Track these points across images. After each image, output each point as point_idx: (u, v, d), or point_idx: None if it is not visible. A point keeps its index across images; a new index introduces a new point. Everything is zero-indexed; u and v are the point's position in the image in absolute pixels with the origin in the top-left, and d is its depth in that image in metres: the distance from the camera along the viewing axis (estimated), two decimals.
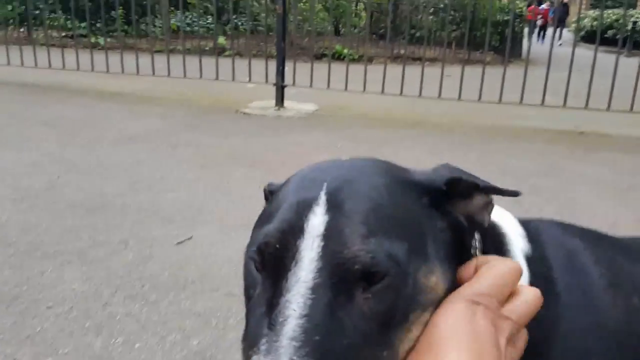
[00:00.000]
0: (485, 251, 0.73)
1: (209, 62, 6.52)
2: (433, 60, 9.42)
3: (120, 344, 1.92)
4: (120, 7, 8.17)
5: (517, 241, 0.77)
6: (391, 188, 0.68)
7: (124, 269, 2.41)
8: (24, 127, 4.75)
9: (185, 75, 6.48)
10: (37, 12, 9.84)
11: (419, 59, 10.05)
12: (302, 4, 12.47)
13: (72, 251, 2.54)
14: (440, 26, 9.60)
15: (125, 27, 8.43)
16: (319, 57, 8.69)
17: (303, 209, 0.66)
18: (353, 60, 6.52)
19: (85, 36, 10.76)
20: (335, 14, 11.86)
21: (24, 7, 9.89)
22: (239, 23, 12.83)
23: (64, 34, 10.29)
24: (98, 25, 10.67)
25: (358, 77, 6.03)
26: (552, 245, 0.80)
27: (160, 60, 6.65)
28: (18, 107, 5.54)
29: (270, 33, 9.35)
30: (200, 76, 6.41)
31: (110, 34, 9.47)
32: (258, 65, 6.39)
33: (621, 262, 0.82)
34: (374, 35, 11.13)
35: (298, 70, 6.25)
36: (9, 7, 10.30)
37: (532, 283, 0.72)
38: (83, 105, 5.84)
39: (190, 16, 12.67)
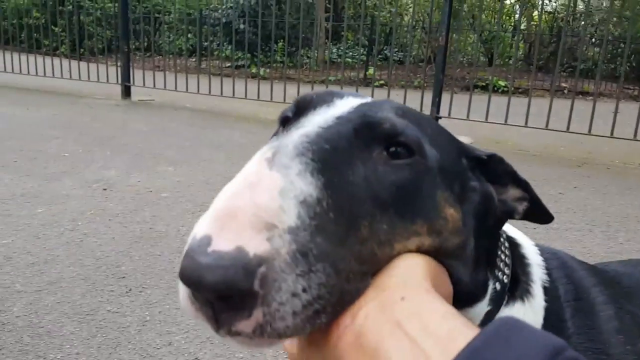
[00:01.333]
0: (512, 270, 0.78)
1: (361, 92, 6.72)
2: (598, 95, 8.75)
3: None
4: (281, 40, 8.78)
5: (538, 270, 0.80)
6: (438, 126, 0.73)
7: None
8: (198, 148, 5.25)
9: None
10: (207, 43, 10.90)
11: (581, 93, 9.45)
12: (458, 35, 12.38)
13: None
14: (607, 59, 8.91)
15: (284, 58, 8.99)
16: (473, 88, 8.52)
17: (329, 93, 0.73)
18: (507, 93, 6.31)
19: (248, 67, 11.70)
20: (492, 45, 11.57)
21: (196, 39, 11.02)
22: (389, 54, 13.09)
23: (228, 64, 11.24)
24: (260, 57, 11.58)
25: (516, 111, 5.81)
26: (566, 280, 0.83)
27: (317, 90, 6.99)
28: (194, 131, 6.16)
29: (420, 64, 9.40)
30: None
31: (269, 64, 10.17)
32: (410, 96, 6.45)
33: (629, 307, 0.84)
34: (531, 67, 10.68)
35: (453, 102, 6.20)
36: (184, 39, 11.53)
37: (546, 316, 0.76)
38: (247, 130, 6.32)
39: (342, 48, 13.24)
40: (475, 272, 0.70)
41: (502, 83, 9.63)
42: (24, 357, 1.92)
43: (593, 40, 11.26)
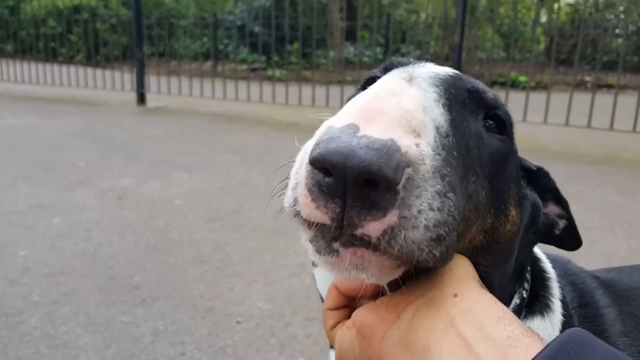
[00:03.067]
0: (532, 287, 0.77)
1: None
2: (623, 87, 8.56)
3: None
4: (296, 41, 8.76)
5: (556, 284, 0.80)
6: None
7: (302, 292, 2.52)
8: (215, 153, 5.27)
9: None
10: (223, 47, 10.93)
11: (604, 86, 9.24)
12: (476, 31, 12.23)
13: (257, 271, 2.72)
14: (631, 50, 8.71)
15: (299, 59, 8.96)
16: (491, 84, 8.40)
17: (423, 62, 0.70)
18: (530, 88, 6.18)
19: (264, 69, 11.73)
20: (510, 40, 11.41)
21: (211, 42, 11.07)
22: (406, 52, 12.98)
23: (243, 67, 11.25)
24: (275, 59, 11.59)
25: (535, 106, 5.70)
26: (570, 288, 0.83)
27: (333, 91, 6.98)
28: (209, 136, 6.18)
29: (438, 60, 9.31)
30: None
31: (286, 66, 10.17)
32: None
33: (628, 309, 0.84)
34: (552, 60, 10.51)
35: None
36: (200, 43, 11.58)
37: (562, 329, 0.74)
38: (263, 134, 6.32)
39: (359, 48, 13.18)
40: (508, 285, 0.69)
41: (523, 79, 9.46)
42: None
43: (617, 31, 11.01)
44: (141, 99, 8.29)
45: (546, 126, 5.79)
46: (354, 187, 0.43)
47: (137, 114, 7.67)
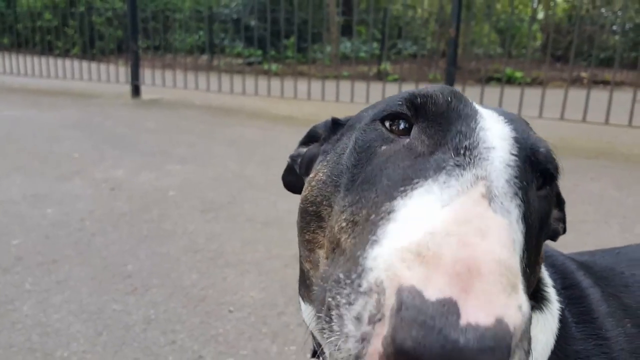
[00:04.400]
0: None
1: (374, 87, 6.66)
2: (619, 84, 8.57)
3: (294, 352, 1.99)
4: (292, 35, 8.74)
5: (545, 274, 0.79)
6: None
7: (296, 282, 2.50)
8: (210, 145, 5.25)
9: (352, 100, 6.69)
10: (219, 41, 10.89)
11: (601, 82, 9.25)
12: (473, 27, 12.22)
13: (250, 261, 2.72)
14: (628, 47, 8.72)
15: (295, 53, 8.95)
16: (487, 80, 8.41)
17: (460, 98, 0.67)
18: (526, 84, 6.19)
19: (260, 63, 11.70)
20: (506, 36, 11.45)
21: (207, 36, 11.03)
22: (403, 48, 12.95)
23: (240, 61, 11.23)
24: (272, 53, 11.56)
25: (531, 102, 5.70)
26: (552, 270, 0.83)
27: (329, 85, 6.96)
28: (205, 128, 6.17)
29: (434, 56, 9.32)
30: (367, 101, 6.57)
31: (282, 60, 10.14)
32: None
33: (609, 289, 0.84)
34: (547, 56, 10.53)
35: (466, 94, 6.10)
36: (196, 37, 11.55)
37: (561, 312, 0.75)
38: (259, 127, 6.31)
39: (355, 43, 13.14)
40: None
41: (519, 75, 9.47)
42: (32, 355, 1.93)
43: (614, 27, 11.02)
44: (136, 91, 8.26)
45: (541, 120, 5.78)
46: None
47: (132, 106, 7.64)
